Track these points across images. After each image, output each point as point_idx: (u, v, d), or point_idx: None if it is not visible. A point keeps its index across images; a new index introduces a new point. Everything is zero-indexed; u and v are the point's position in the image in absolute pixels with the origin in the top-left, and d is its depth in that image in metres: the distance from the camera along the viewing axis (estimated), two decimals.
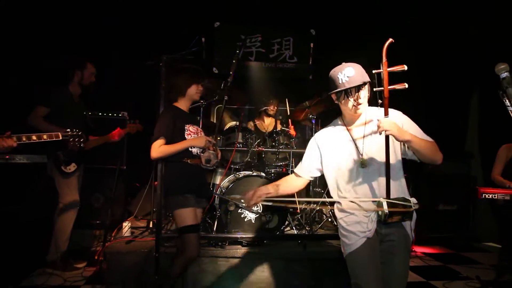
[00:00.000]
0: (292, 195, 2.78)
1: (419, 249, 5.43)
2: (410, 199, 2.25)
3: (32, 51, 4.68)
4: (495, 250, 5.62)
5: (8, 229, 3.88)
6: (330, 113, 4.79)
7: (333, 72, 2.34)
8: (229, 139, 4.61)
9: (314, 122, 4.89)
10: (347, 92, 2.27)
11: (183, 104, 3.28)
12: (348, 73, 2.25)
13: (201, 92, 3.30)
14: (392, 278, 2.31)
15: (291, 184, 2.58)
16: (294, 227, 4.28)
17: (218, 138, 4.39)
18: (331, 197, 2.50)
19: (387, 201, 2.19)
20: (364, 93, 2.31)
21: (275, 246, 4.06)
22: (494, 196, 3.72)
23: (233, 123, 5.02)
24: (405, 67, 2.21)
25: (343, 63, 2.34)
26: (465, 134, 6.49)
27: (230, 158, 4.48)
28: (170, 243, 3.88)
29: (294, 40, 5.85)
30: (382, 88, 2.21)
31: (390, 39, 2.22)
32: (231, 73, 3.47)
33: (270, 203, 2.41)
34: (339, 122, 2.51)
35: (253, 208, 2.51)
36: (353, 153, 2.38)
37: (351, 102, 2.29)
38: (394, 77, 2.21)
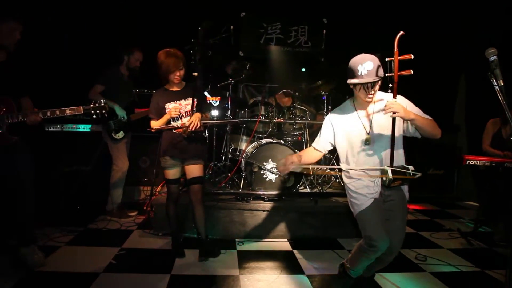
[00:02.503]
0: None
1: (411, 206, 5.45)
2: (408, 167, 2.28)
3: (94, 40, 4.78)
4: (473, 207, 5.63)
5: (75, 185, 4.02)
6: (339, 90, 4.78)
7: (354, 62, 2.25)
8: (253, 111, 4.62)
9: (324, 98, 4.85)
10: (364, 86, 2.24)
11: (170, 84, 3.24)
12: (368, 67, 2.18)
13: (180, 76, 3.15)
14: (394, 231, 2.36)
15: (310, 155, 2.58)
16: (307, 186, 4.32)
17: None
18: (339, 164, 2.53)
19: (391, 169, 2.23)
20: (377, 87, 2.29)
21: (291, 202, 4.11)
22: (477, 163, 3.71)
23: (257, 98, 5.01)
24: (412, 56, 2.18)
25: (363, 55, 2.26)
26: (453, 109, 6.36)
27: (254, 128, 4.51)
28: (206, 198, 3.97)
29: (308, 28, 5.73)
30: (393, 74, 2.19)
31: (401, 32, 2.18)
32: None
33: (298, 170, 2.44)
34: (350, 104, 2.48)
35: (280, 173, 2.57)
36: (361, 132, 2.38)
37: (365, 93, 2.27)
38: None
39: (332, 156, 4.73)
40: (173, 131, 3.15)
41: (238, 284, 2.82)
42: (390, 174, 2.23)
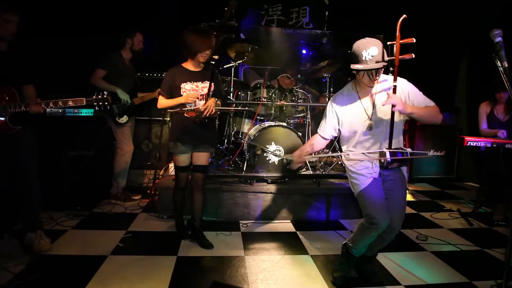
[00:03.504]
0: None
1: (411, 187, 5.50)
2: (406, 149, 2.32)
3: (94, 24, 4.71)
4: (473, 188, 5.68)
5: (80, 169, 4.04)
6: (342, 72, 4.74)
7: (358, 47, 2.22)
8: (255, 94, 4.59)
9: (325, 80, 4.82)
10: (369, 72, 2.23)
11: (190, 64, 3.06)
12: (373, 52, 2.16)
13: (207, 55, 2.98)
14: (394, 209, 2.39)
15: (319, 143, 2.59)
16: (310, 168, 4.35)
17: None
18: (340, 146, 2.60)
19: (389, 151, 2.27)
20: (380, 72, 2.28)
21: (294, 184, 4.13)
22: (477, 144, 3.73)
23: (258, 81, 4.98)
24: (414, 40, 2.17)
25: (367, 39, 2.23)
26: (454, 91, 6.34)
27: (257, 111, 4.49)
28: (210, 181, 4.00)
29: (310, 9, 5.65)
30: (394, 58, 2.18)
31: (404, 15, 2.16)
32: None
33: (314, 159, 2.48)
34: (352, 89, 2.48)
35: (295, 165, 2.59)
36: (364, 117, 2.40)
37: (369, 79, 2.27)
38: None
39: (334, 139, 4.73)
40: (185, 114, 3.02)
41: (243, 265, 2.87)
42: (388, 156, 2.27)
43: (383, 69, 2.27)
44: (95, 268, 2.69)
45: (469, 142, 3.77)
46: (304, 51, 5.82)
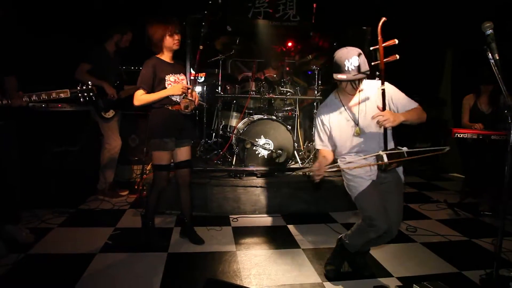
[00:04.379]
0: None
1: None
2: (402, 148, 2.30)
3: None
4: (458, 179, 5.77)
5: (65, 165, 3.93)
6: (330, 65, 4.72)
7: (340, 57, 2.23)
8: (244, 87, 4.55)
9: (310, 73, 4.79)
10: (352, 82, 2.25)
11: (165, 56, 2.90)
12: (354, 63, 2.18)
13: (178, 41, 2.86)
14: (391, 213, 2.37)
15: (329, 154, 2.51)
16: (299, 162, 4.33)
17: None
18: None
19: (386, 153, 2.26)
20: (362, 82, 2.31)
21: (284, 177, 4.13)
22: (465, 136, 3.78)
23: (247, 73, 4.93)
24: (396, 41, 2.15)
25: (349, 49, 2.24)
26: (439, 83, 6.41)
27: (246, 104, 4.45)
28: (199, 175, 3.96)
29: (297, 1, 5.58)
30: (379, 62, 2.16)
31: (384, 18, 2.14)
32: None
33: (334, 169, 2.41)
34: (336, 98, 2.47)
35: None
36: (351, 124, 2.39)
37: (352, 88, 2.30)
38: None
39: None
40: (170, 108, 2.88)
41: (235, 260, 2.84)
42: (385, 159, 2.26)
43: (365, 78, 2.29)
44: (84, 267, 2.61)
45: (456, 134, 3.82)
46: (290, 44, 5.78)
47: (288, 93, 4.48)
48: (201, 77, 4.52)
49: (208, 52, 4.70)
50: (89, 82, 2.71)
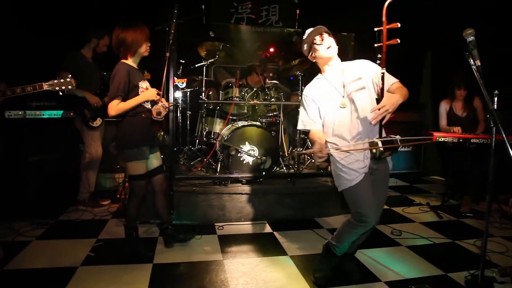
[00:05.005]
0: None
1: None
2: (395, 136, 2.26)
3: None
4: (439, 182, 5.89)
5: (44, 175, 3.79)
6: (314, 70, 4.75)
7: (304, 39, 2.46)
8: (227, 93, 4.52)
9: (292, 78, 4.81)
10: (314, 41, 2.39)
11: (132, 61, 2.83)
12: (308, 32, 2.44)
13: (149, 47, 2.84)
14: (377, 201, 2.39)
15: (322, 136, 2.42)
16: (284, 167, 4.32)
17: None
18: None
19: (380, 140, 2.22)
20: (328, 40, 2.38)
21: (269, 184, 4.10)
22: (445, 139, 3.86)
23: (230, 79, 4.91)
24: (399, 25, 2.17)
25: (308, 30, 2.46)
26: (419, 87, 6.54)
27: (230, 111, 4.42)
28: (182, 183, 3.90)
29: (279, 7, 5.63)
30: (381, 44, 2.17)
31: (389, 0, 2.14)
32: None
33: (337, 151, 2.37)
34: (319, 77, 2.53)
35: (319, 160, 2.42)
36: (336, 96, 2.39)
37: (322, 46, 2.38)
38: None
39: (307, 136, 4.74)
40: (143, 115, 2.82)
41: (223, 269, 2.79)
42: (380, 145, 2.21)
43: (330, 37, 2.40)
44: (65, 282, 2.51)
45: (438, 138, 3.89)
46: (272, 50, 5.80)
47: (272, 99, 4.48)
48: (182, 83, 4.45)
49: (192, 58, 4.68)
50: (69, 75, 2.61)
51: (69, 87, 2.58)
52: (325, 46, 2.38)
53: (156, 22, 3.46)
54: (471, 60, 2.18)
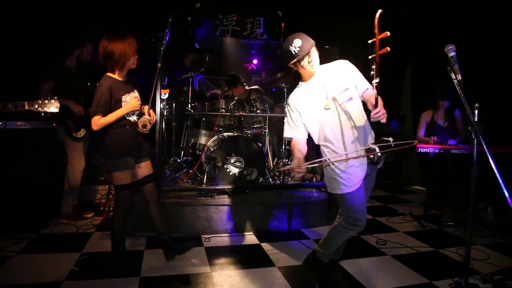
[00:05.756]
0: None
1: None
2: (388, 139, 2.33)
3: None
4: (421, 191, 6.02)
5: (25, 186, 3.70)
6: (297, 82, 4.84)
7: (284, 47, 2.41)
8: (213, 105, 4.54)
9: (274, 90, 4.88)
10: (307, 58, 2.37)
11: (119, 74, 2.80)
12: (297, 44, 2.34)
13: (137, 60, 2.83)
14: (365, 202, 2.46)
15: (303, 144, 2.47)
16: (270, 179, 4.35)
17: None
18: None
19: (377, 146, 2.28)
20: (315, 55, 2.41)
21: (255, 195, 4.13)
22: (427, 150, 3.98)
23: (215, 91, 4.93)
24: (389, 33, 2.23)
25: (289, 36, 2.42)
26: (400, 99, 6.72)
27: (216, 122, 4.43)
28: (169, 195, 3.87)
29: (264, 20, 5.73)
30: (375, 55, 2.23)
31: (380, 10, 2.21)
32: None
33: (315, 165, 2.40)
34: (300, 85, 2.53)
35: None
36: (320, 100, 2.40)
37: (307, 64, 2.40)
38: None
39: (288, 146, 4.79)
40: (127, 127, 2.80)
41: (211, 282, 2.78)
42: (378, 150, 2.26)
43: (315, 52, 2.41)
44: None
45: (420, 149, 4.01)
46: (255, 61, 5.87)
47: (258, 111, 4.52)
48: (165, 93, 4.43)
49: (176, 69, 4.69)
50: (54, 97, 2.54)
51: (53, 111, 2.48)
52: (316, 62, 2.42)
53: (139, 32, 3.45)
54: (453, 75, 2.28)
